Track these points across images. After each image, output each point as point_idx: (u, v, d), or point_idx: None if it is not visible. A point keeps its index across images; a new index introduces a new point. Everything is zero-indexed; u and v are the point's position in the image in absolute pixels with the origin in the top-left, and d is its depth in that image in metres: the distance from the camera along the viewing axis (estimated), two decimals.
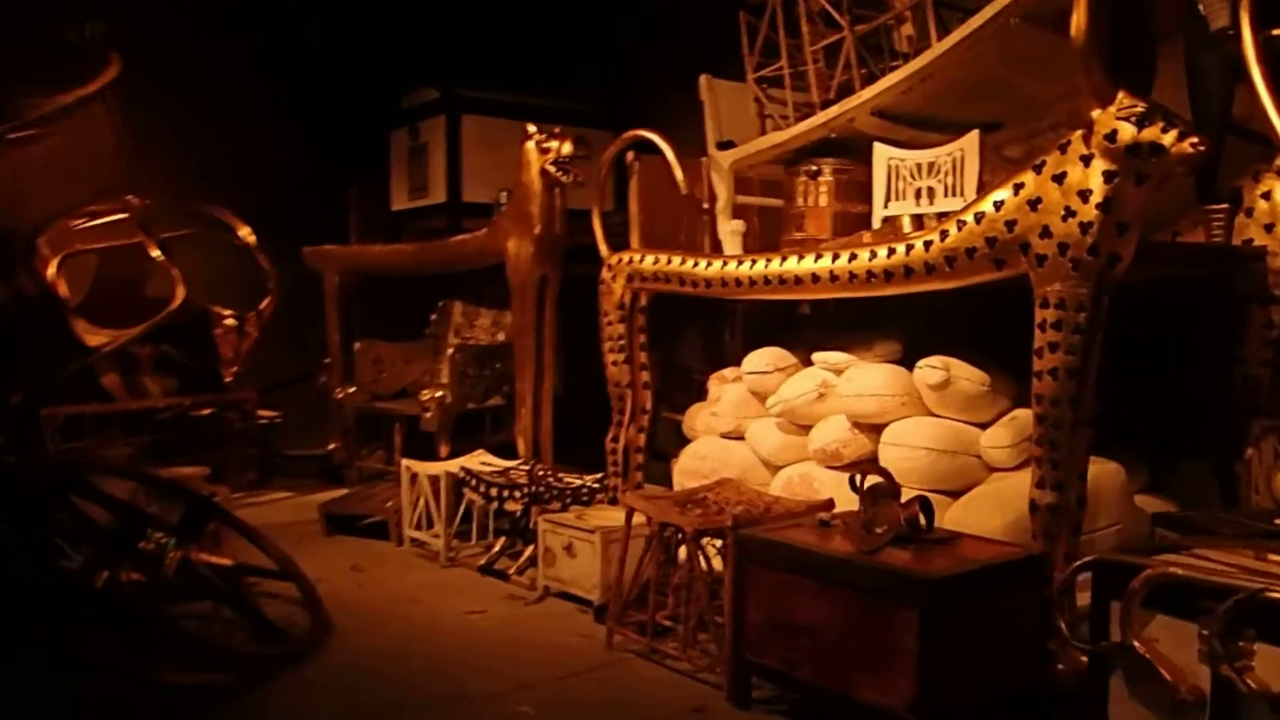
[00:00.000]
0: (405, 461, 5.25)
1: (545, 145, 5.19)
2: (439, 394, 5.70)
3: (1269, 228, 3.60)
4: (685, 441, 5.47)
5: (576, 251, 5.46)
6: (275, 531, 4.52)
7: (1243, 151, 3.56)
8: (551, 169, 5.19)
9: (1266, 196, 3.59)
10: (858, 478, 3.07)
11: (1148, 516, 3.66)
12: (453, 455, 5.49)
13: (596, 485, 4.64)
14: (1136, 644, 2.04)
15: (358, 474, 6.44)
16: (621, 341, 4.74)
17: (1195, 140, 2.72)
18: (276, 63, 7.13)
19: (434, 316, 6.63)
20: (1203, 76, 3.06)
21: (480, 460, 5.21)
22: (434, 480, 5.01)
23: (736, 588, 3.11)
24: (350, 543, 5.36)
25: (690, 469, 4.61)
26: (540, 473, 4.79)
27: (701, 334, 6.43)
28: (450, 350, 5.88)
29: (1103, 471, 3.47)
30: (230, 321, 6.65)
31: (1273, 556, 2.06)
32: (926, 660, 2.54)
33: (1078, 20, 2.79)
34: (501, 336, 6.26)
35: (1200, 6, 3.00)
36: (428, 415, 5.66)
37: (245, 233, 6.53)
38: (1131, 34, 2.96)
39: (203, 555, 3.68)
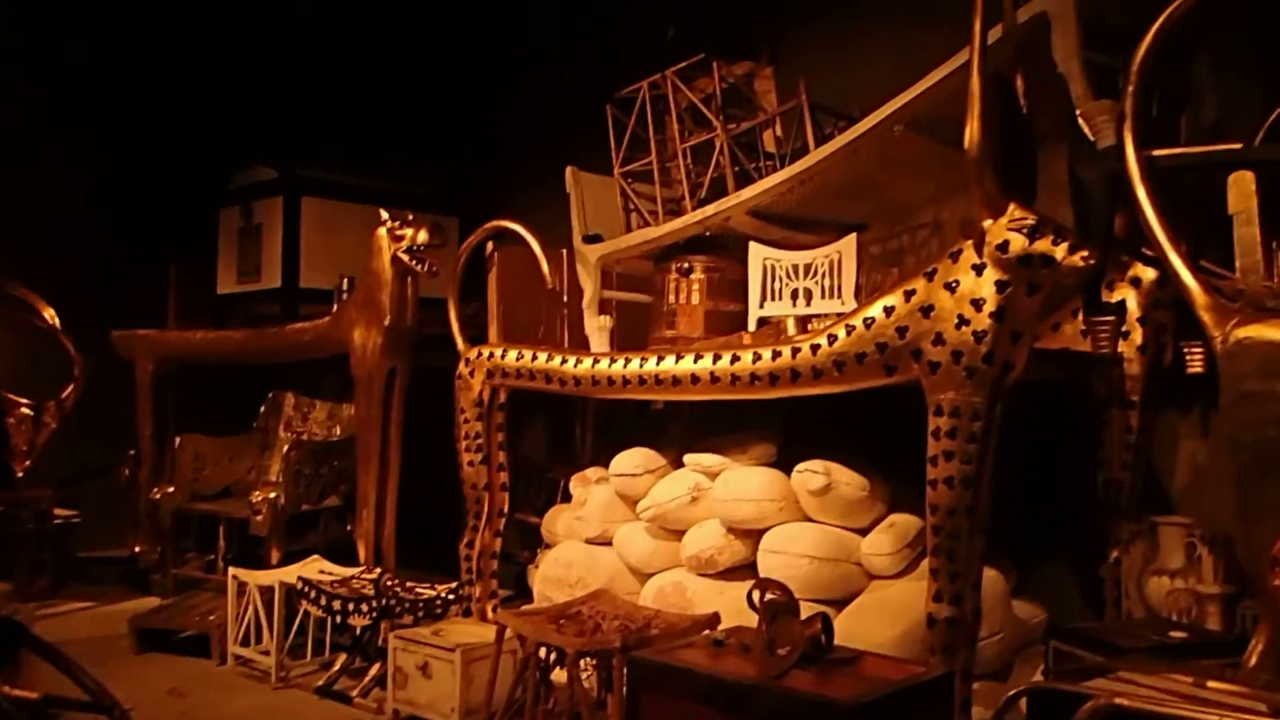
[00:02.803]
0: (233, 570, 4.77)
1: (399, 232, 4.93)
2: (271, 494, 5.24)
3: (1125, 334, 3.71)
4: (533, 543, 5.24)
5: (423, 342, 5.20)
6: (77, 648, 3.93)
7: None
8: (404, 257, 4.92)
9: (1122, 304, 3.70)
10: (755, 594, 2.91)
11: (1025, 624, 3.67)
12: (284, 561, 5.04)
13: (451, 596, 4.31)
14: None
15: (172, 582, 5.83)
16: (479, 440, 4.48)
17: (1086, 254, 2.76)
18: (90, 129, 6.61)
19: (263, 409, 6.18)
20: (1088, 191, 3.15)
21: (318, 568, 4.78)
22: (266, 591, 4.56)
23: (628, 716, 2.87)
24: (166, 661, 4.79)
25: (554, 577, 4.37)
26: (389, 583, 4.42)
27: (547, 429, 6.24)
28: (285, 447, 5.44)
29: (985, 579, 3.44)
30: (25, 411, 6.00)
31: (1212, 684, 2.02)
32: None
33: (971, 131, 2.80)
34: (339, 431, 5.86)
35: (1085, 126, 3.10)
36: (258, 518, 5.19)
37: (49, 314, 5.94)
38: (1015, 144, 3.01)
39: (5, 688, 3.14)
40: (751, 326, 3.94)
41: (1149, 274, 3.61)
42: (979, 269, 2.90)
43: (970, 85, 2.81)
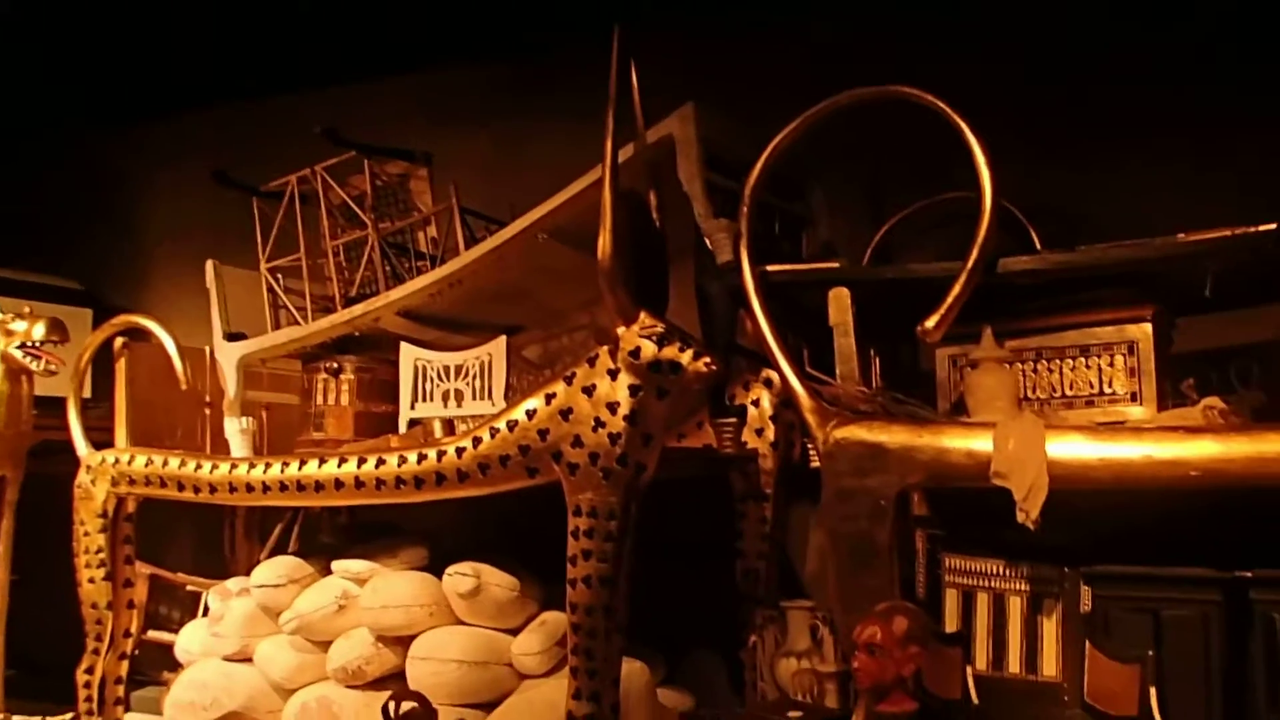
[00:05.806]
0: None
1: (10, 326, 4.44)
2: None
3: (759, 431, 3.99)
4: (168, 662, 4.81)
5: (42, 448, 4.68)
6: None
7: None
8: (17, 354, 4.43)
9: (756, 404, 3.99)
10: (391, 705, 2.81)
11: (671, 712, 3.77)
12: None
13: None
14: None
15: None
16: (101, 555, 4.08)
17: (708, 360, 2.95)
18: None
19: None
20: (711, 302, 3.38)
21: None
22: None
23: None
24: None
25: (185, 701, 3.99)
26: None
27: (193, 537, 5.78)
28: None
29: (629, 672, 3.52)
30: None
31: None
32: None
33: (603, 244, 2.94)
34: None
35: (708, 241, 3.33)
36: None
37: None
38: (648, 257, 3.19)
39: None
40: (402, 428, 3.87)
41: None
42: (614, 374, 3.02)
43: (603, 199, 2.97)
